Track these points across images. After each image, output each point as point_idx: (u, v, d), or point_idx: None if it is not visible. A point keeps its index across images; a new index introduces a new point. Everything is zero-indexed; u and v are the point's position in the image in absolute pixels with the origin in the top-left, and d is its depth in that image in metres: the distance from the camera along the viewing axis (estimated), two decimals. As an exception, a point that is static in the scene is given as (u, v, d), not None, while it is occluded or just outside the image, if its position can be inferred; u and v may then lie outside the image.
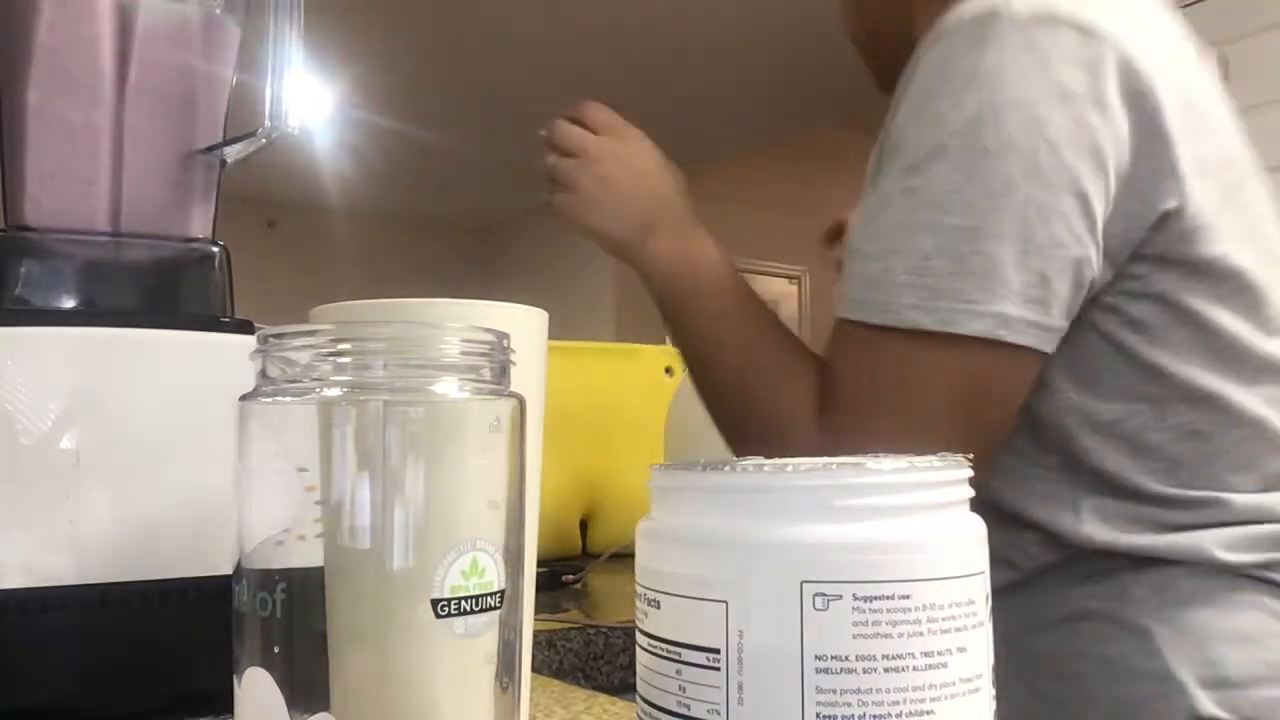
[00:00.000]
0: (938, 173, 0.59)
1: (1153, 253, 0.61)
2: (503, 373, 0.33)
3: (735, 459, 0.33)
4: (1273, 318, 0.63)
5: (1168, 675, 0.58)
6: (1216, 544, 0.59)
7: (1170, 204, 0.60)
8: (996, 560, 0.29)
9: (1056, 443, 0.64)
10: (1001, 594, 0.27)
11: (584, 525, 1.27)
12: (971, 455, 0.30)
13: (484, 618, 0.31)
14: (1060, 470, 0.64)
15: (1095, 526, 0.62)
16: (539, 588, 0.71)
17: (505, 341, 0.33)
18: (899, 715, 0.28)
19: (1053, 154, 0.58)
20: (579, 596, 1.02)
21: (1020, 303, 0.57)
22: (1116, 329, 0.62)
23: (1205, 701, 0.57)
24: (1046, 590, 0.64)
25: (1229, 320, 0.61)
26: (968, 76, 0.59)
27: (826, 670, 0.28)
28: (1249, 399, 0.61)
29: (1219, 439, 0.61)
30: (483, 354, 0.32)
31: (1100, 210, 0.59)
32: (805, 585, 0.28)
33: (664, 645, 0.31)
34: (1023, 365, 0.59)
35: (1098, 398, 0.62)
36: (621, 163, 0.78)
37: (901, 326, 0.58)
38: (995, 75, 0.59)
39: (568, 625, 0.83)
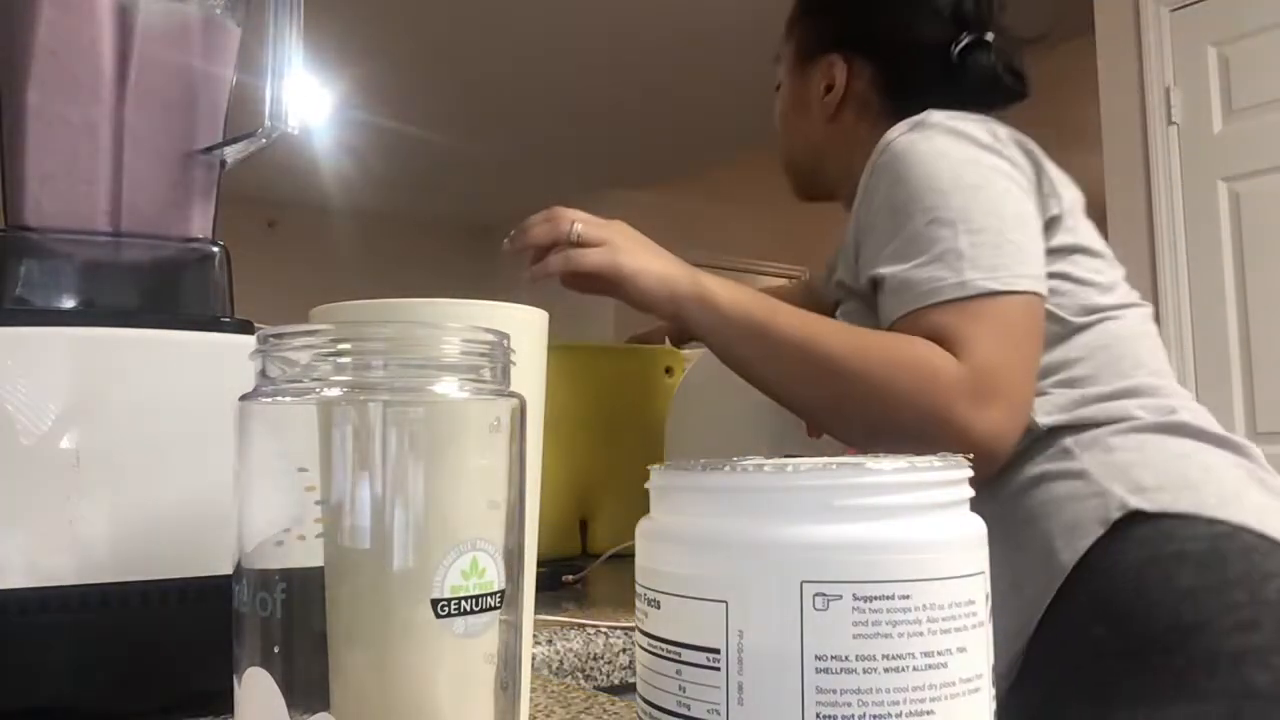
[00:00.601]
0: (950, 205, 0.84)
1: (1051, 245, 0.88)
2: (503, 373, 0.33)
3: (735, 459, 0.33)
4: (1122, 280, 0.95)
5: (1104, 491, 0.81)
6: (1138, 408, 0.86)
7: (1054, 210, 0.89)
8: None
9: None
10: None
11: (584, 525, 1.27)
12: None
13: (484, 618, 0.31)
14: None
15: (1044, 416, 0.86)
16: (539, 588, 0.71)
17: (505, 341, 0.33)
18: (899, 715, 0.28)
19: (1012, 181, 0.87)
20: (579, 596, 1.02)
21: (1038, 267, 0.85)
22: None
23: (1131, 499, 0.80)
24: (1013, 467, 0.87)
25: (1096, 286, 0.90)
26: (929, 152, 0.86)
27: (826, 670, 0.28)
28: (1124, 326, 0.90)
29: (1116, 349, 0.88)
30: (483, 354, 0.32)
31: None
32: (805, 585, 0.28)
33: (664, 645, 0.31)
34: (1044, 308, 0.86)
35: None
36: (625, 225, 0.90)
37: (979, 294, 0.81)
38: (947, 147, 0.87)
39: (568, 625, 0.83)
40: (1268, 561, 0.76)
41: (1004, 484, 0.86)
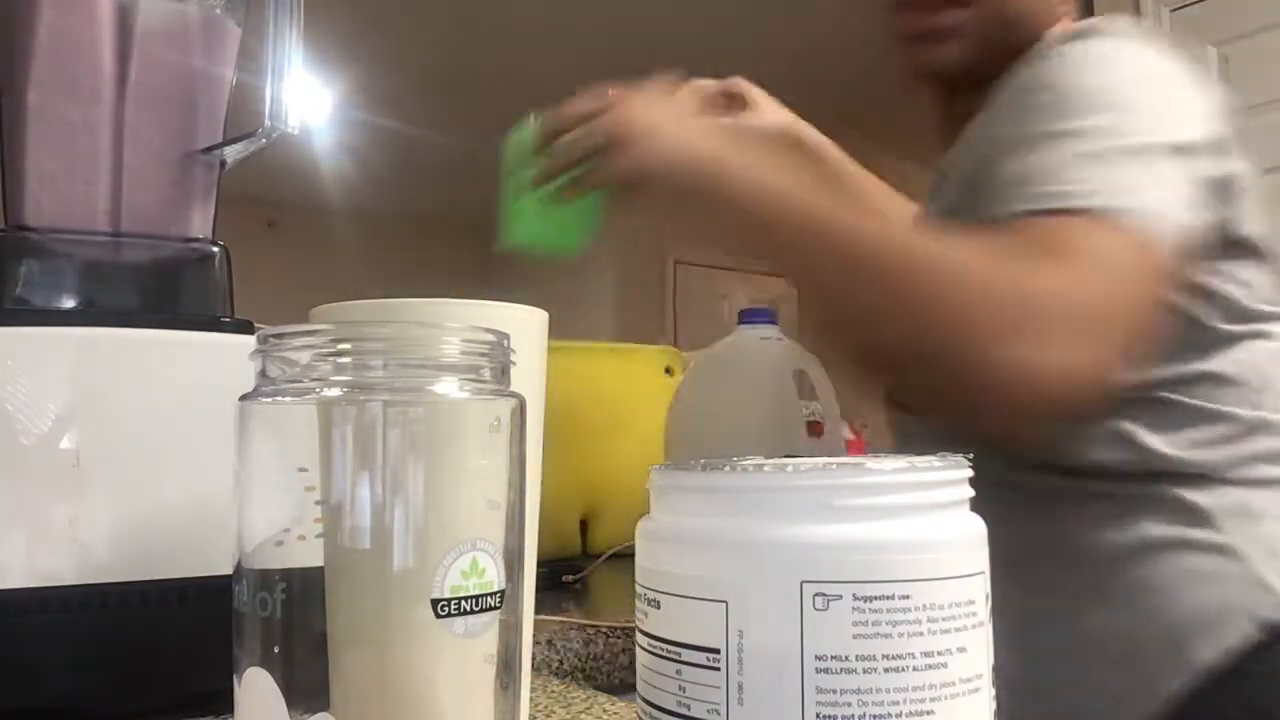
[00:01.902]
0: (1100, 118, 0.68)
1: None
2: (503, 373, 0.33)
3: (735, 459, 0.33)
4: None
5: (1258, 580, 0.65)
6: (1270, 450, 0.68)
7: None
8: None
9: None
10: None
11: (584, 525, 1.27)
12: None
13: (484, 618, 0.31)
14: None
15: (1173, 448, 0.69)
16: (539, 588, 0.71)
17: (505, 341, 0.33)
18: (899, 715, 0.28)
19: (1168, 105, 0.71)
20: (579, 596, 1.02)
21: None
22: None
23: None
24: (1116, 520, 0.70)
25: (1251, 290, 0.73)
26: (1091, 62, 0.71)
27: (826, 670, 0.28)
28: (1272, 345, 0.72)
29: (1263, 371, 0.70)
30: (483, 354, 0.32)
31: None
32: (805, 585, 0.28)
33: (664, 645, 0.31)
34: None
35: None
36: (653, 99, 0.77)
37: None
38: (1109, 60, 0.71)
39: (568, 625, 0.83)
40: None
41: (1102, 542, 0.70)
